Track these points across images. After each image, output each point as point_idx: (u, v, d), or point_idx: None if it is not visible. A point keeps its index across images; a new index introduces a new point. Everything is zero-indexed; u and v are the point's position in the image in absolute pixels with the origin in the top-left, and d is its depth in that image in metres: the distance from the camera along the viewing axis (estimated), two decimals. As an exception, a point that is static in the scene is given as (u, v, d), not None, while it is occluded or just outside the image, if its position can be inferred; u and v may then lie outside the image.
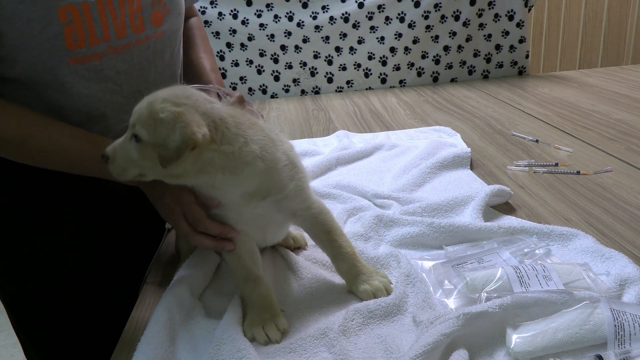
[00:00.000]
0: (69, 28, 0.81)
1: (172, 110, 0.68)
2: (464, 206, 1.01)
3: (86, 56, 0.84)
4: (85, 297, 0.99)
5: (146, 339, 0.68)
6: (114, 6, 0.85)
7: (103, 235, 0.99)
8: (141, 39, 0.91)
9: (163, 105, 0.69)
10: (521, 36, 2.25)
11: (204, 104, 0.72)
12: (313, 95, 2.27)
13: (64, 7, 0.79)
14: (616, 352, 0.60)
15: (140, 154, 0.71)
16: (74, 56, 0.83)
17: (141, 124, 0.70)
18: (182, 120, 0.67)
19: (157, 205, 0.82)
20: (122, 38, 0.87)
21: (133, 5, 0.88)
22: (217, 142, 0.70)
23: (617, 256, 0.79)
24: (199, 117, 0.69)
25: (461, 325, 0.64)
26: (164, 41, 0.95)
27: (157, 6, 0.92)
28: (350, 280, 0.79)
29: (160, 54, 0.96)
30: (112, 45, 0.86)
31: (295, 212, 0.80)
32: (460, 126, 1.59)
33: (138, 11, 0.89)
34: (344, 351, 0.66)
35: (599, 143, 1.35)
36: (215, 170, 0.71)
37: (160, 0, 0.92)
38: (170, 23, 0.96)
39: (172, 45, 0.98)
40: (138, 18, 0.89)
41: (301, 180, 0.79)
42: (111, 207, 1.00)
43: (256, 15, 2.17)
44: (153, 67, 0.95)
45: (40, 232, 0.96)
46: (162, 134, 0.68)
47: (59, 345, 1.03)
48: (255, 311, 0.73)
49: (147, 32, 0.91)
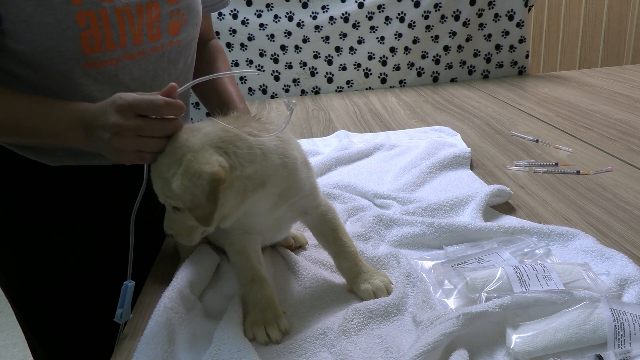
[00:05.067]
0: (86, 33, 0.81)
1: (180, 172, 0.66)
2: (464, 206, 1.01)
3: (102, 61, 0.85)
4: (87, 294, 0.99)
5: (146, 339, 0.68)
6: (132, 14, 0.86)
7: (104, 233, 1.00)
8: (157, 47, 0.91)
9: (170, 173, 0.67)
10: (521, 36, 2.25)
11: (196, 137, 0.69)
12: (313, 95, 2.27)
13: (82, 13, 0.80)
14: (616, 352, 0.60)
15: (190, 219, 0.69)
16: (89, 60, 0.84)
17: (169, 197, 0.69)
18: (193, 171, 0.65)
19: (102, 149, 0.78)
20: (138, 45, 0.88)
21: (152, 14, 0.88)
22: (237, 165, 0.68)
23: (617, 256, 0.79)
24: (202, 154, 0.67)
25: (461, 325, 0.64)
26: (179, 50, 0.96)
27: (176, 16, 0.93)
28: (351, 279, 0.79)
29: (175, 62, 0.96)
30: (128, 52, 0.87)
31: (307, 210, 0.80)
32: (460, 126, 1.59)
33: (156, 20, 0.89)
34: (344, 351, 0.66)
35: (599, 143, 1.35)
36: (251, 192, 0.70)
37: (179, 11, 0.93)
38: (187, 33, 0.96)
39: (186, 54, 0.99)
40: (155, 27, 0.90)
41: (313, 178, 0.80)
42: (112, 203, 1.00)
43: (256, 15, 2.17)
44: (167, 75, 0.95)
45: (43, 229, 0.96)
46: (189, 199, 0.66)
47: (64, 341, 1.03)
48: (258, 311, 0.73)
49: (163, 40, 0.92)
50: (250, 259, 0.76)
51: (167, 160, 0.69)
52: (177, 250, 0.94)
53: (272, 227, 0.81)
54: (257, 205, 0.74)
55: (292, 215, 0.81)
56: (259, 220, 0.77)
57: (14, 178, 0.95)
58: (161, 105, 0.70)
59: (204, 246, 0.90)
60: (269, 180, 0.72)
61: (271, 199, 0.74)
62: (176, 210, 0.70)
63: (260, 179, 0.71)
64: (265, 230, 0.80)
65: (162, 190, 0.69)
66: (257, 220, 0.77)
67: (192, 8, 0.96)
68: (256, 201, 0.73)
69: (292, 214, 0.80)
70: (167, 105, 0.70)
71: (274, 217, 0.77)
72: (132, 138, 0.71)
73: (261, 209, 0.75)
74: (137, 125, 0.70)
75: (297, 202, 0.78)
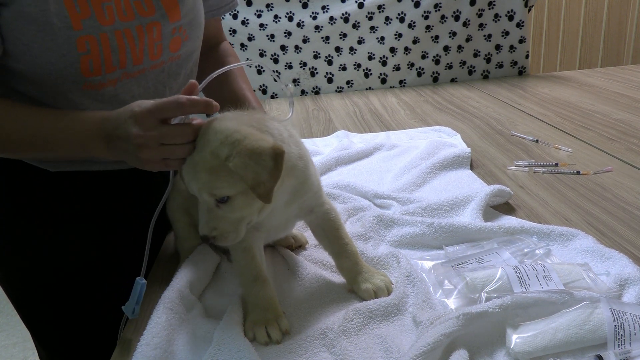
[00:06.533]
0: (85, 57, 0.81)
1: (236, 153, 0.65)
2: (464, 206, 1.01)
3: (101, 83, 0.84)
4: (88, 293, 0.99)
5: (145, 340, 0.68)
6: (133, 36, 0.85)
7: (104, 233, 1.00)
8: (157, 64, 0.90)
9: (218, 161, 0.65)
10: (521, 36, 2.25)
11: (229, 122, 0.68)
12: (313, 95, 2.27)
13: (82, 38, 0.80)
14: (616, 352, 0.60)
15: (239, 208, 0.68)
16: (88, 83, 0.83)
17: (218, 188, 0.67)
18: (252, 148, 0.64)
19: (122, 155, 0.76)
20: (139, 65, 0.87)
21: (153, 34, 0.87)
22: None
23: (617, 256, 0.79)
24: (250, 132, 0.66)
25: (461, 325, 0.64)
26: (180, 63, 0.95)
27: (178, 33, 0.91)
28: (351, 278, 0.79)
29: (175, 75, 0.95)
30: (127, 72, 0.86)
31: (313, 208, 0.81)
32: (460, 126, 1.59)
33: (158, 40, 0.88)
34: (344, 351, 0.66)
35: (599, 143, 1.35)
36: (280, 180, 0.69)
37: (181, 28, 0.91)
38: (188, 47, 0.95)
39: (187, 65, 0.98)
40: (157, 46, 0.89)
41: (318, 175, 0.80)
42: (112, 204, 1.00)
43: (256, 15, 2.17)
44: (168, 89, 0.95)
45: (44, 229, 0.96)
46: (251, 177, 0.65)
47: (64, 341, 1.03)
48: (259, 311, 0.73)
49: (163, 57, 0.91)
50: (255, 257, 0.76)
51: (208, 150, 0.67)
52: (177, 250, 0.94)
53: (279, 224, 0.81)
54: (276, 198, 0.73)
55: (298, 214, 0.81)
56: (273, 216, 0.76)
57: (14, 179, 0.95)
58: (184, 104, 0.68)
59: (204, 246, 0.90)
60: (290, 171, 0.71)
61: (287, 193, 0.74)
62: (220, 204, 0.68)
63: (287, 166, 0.70)
64: (274, 227, 0.80)
65: (208, 183, 0.67)
66: (271, 216, 0.76)
67: (194, 23, 0.95)
68: (280, 192, 0.72)
69: (299, 212, 0.80)
70: (191, 103, 0.68)
71: (284, 215, 0.77)
72: (156, 148, 0.69)
73: (277, 204, 0.74)
74: (159, 134, 0.69)
75: (307, 200, 0.78)
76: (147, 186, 1.02)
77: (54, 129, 0.80)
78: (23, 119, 0.81)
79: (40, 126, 0.80)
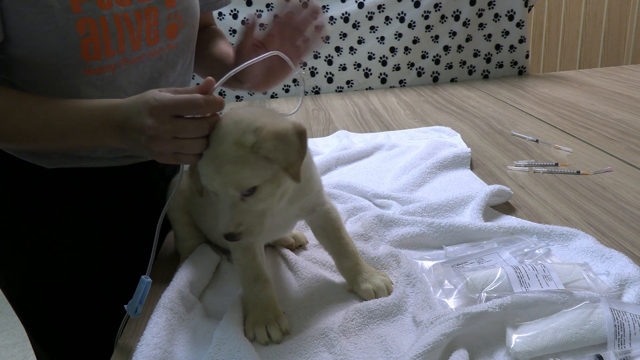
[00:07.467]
0: (86, 40, 0.81)
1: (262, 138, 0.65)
2: (464, 206, 1.01)
3: (101, 68, 0.85)
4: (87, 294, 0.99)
5: (145, 340, 0.68)
6: (131, 21, 0.85)
7: (102, 231, 0.99)
8: (155, 50, 0.91)
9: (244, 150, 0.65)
10: (521, 36, 2.25)
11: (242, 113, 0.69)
12: (313, 95, 2.27)
13: (82, 20, 0.80)
14: (616, 352, 0.60)
15: (264, 198, 0.68)
16: (88, 67, 0.83)
17: (244, 178, 0.66)
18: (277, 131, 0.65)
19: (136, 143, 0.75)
20: (137, 50, 0.88)
21: (150, 20, 0.88)
22: None
23: (617, 256, 0.79)
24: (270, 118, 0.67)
25: (461, 325, 0.64)
26: (177, 52, 0.96)
27: (173, 19, 0.92)
28: (351, 278, 0.79)
29: (172, 65, 0.96)
30: (126, 57, 0.87)
31: (315, 207, 0.80)
32: (460, 126, 1.59)
33: (154, 25, 0.89)
34: (344, 351, 0.66)
35: (599, 143, 1.35)
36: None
37: (176, 14, 0.92)
38: (184, 35, 0.96)
39: (184, 56, 0.99)
40: (154, 31, 0.89)
41: (319, 174, 0.80)
42: (109, 201, 1.00)
43: (256, 15, 2.17)
44: (164, 78, 0.95)
45: (42, 229, 0.96)
46: (282, 159, 0.65)
47: (64, 341, 1.03)
48: (259, 311, 0.72)
49: (161, 44, 0.92)
50: (256, 257, 0.76)
51: (231, 141, 0.66)
52: (177, 250, 0.94)
53: (281, 224, 0.81)
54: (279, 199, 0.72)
55: (299, 213, 0.81)
56: (274, 215, 0.75)
57: (11, 177, 0.95)
58: (201, 104, 0.68)
59: (204, 246, 0.90)
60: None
61: (290, 192, 0.74)
62: (246, 197, 0.67)
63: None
64: (275, 227, 0.79)
65: (235, 175, 0.66)
66: (276, 220, 0.75)
67: (189, 10, 0.96)
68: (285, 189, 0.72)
69: (300, 211, 0.80)
70: (207, 103, 0.68)
71: (286, 214, 0.77)
72: (170, 141, 0.69)
73: (280, 203, 0.74)
74: (174, 128, 0.68)
75: (309, 199, 0.78)
76: (144, 184, 1.02)
77: (62, 119, 0.80)
78: (31, 109, 0.81)
79: (48, 116, 0.80)
